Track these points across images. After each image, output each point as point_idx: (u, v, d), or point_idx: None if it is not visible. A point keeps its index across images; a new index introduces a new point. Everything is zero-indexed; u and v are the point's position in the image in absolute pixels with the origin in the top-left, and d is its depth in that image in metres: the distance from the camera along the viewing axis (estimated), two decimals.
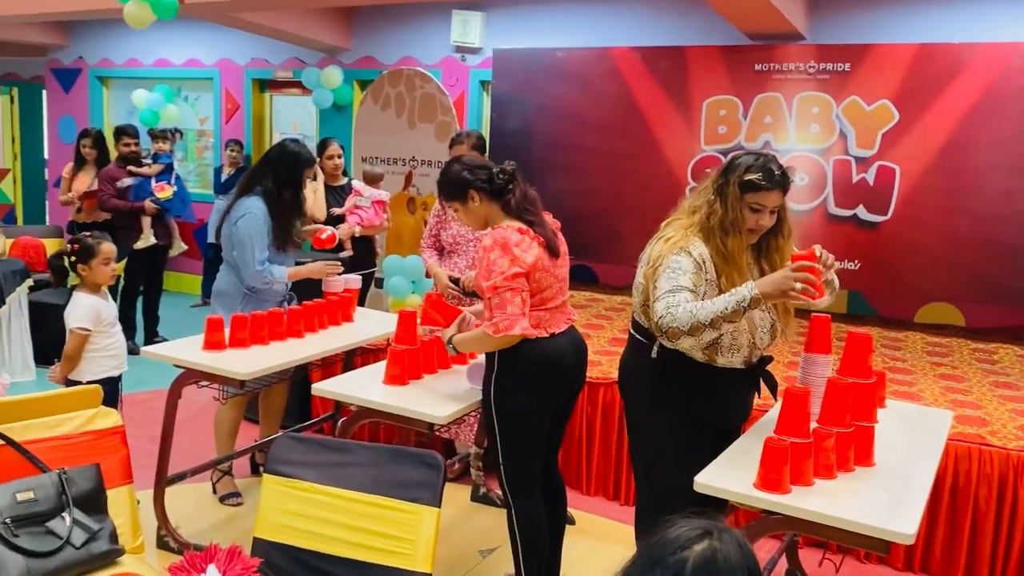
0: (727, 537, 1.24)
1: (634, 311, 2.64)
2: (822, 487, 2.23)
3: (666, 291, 2.34)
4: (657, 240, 2.50)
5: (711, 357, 2.49)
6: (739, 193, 2.40)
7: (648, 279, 2.43)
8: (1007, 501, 3.34)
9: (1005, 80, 5.16)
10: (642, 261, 2.53)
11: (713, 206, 2.43)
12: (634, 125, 6.26)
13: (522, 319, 2.58)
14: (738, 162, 2.45)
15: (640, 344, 2.59)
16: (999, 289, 5.34)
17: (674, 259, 2.38)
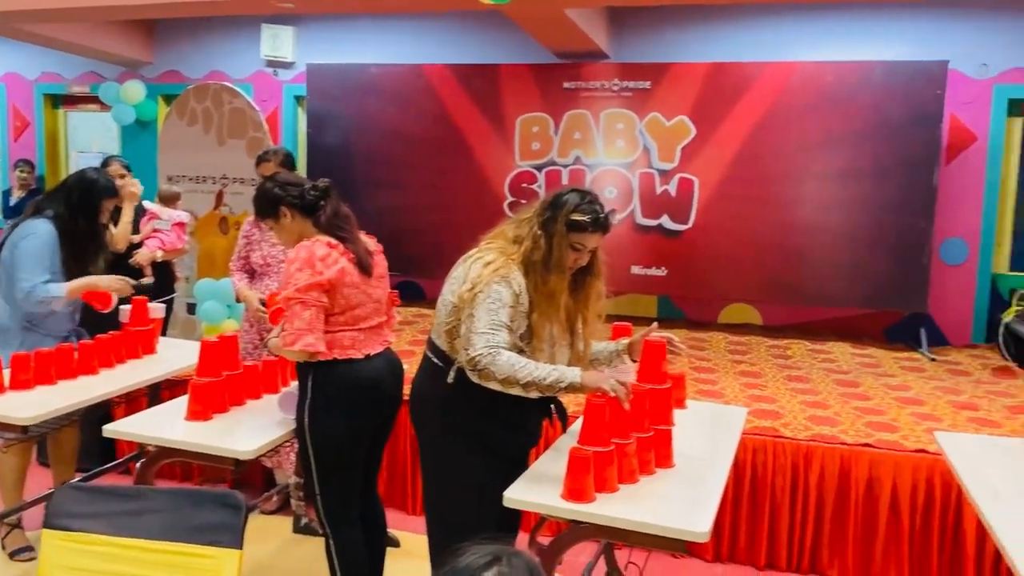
0: (516, 561, 1.25)
1: (433, 332, 2.53)
2: (626, 492, 2.31)
3: (487, 326, 2.29)
4: (475, 261, 2.42)
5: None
6: (565, 231, 2.37)
7: (464, 301, 2.35)
8: (799, 488, 3.61)
9: (787, 96, 5.63)
10: (455, 279, 2.45)
11: (538, 242, 2.38)
12: (452, 141, 6.32)
13: (307, 335, 2.52)
14: (565, 199, 2.40)
15: (437, 368, 2.49)
16: (790, 289, 5.79)
17: (496, 288, 2.32)
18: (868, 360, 5.20)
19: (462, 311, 2.36)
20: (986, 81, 5.63)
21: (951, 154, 5.66)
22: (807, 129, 5.59)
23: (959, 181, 5.68)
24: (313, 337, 2.55)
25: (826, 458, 3.58)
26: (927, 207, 5.40)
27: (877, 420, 3.90)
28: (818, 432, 3.71)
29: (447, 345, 2.45)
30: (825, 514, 3.59)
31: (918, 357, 5.32)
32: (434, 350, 2.52)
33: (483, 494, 2.23)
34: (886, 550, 3.53)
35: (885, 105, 5.43)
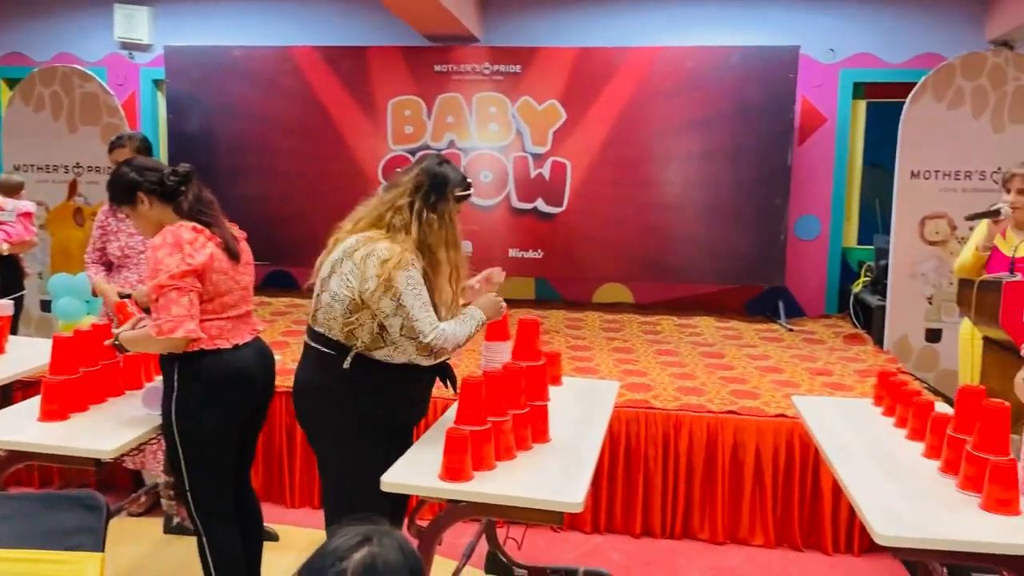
0: (387, 541, 1.25)
1: (319, 326, 2.48)
2: (503, 469, 2.35)
3: (422, 311, 2.37)
4: (367, 257, 2.37)
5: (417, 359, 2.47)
6: (456, 207, 2.48)
7: (376, 301, 2.35)
8: (671, 456, 3.76)
9: (651, 81, 5.79)
10: (346, 274, 2.40)
11: (432, 224, 2.43)
12: (321, 126, 6.18)
13: (188, 321, 2.44)
14: (445, 177, 2.46)
15: (329, 357, 2.46)
16: (659, 268, 5.99)
17: (409, 275, 2.36)
18: (731, 332, 5.46)
19: (376, 310, 2.37)
20: (833, 65, 5.97)
21: (803, 135, 5.99)
22: (670, 112, 5.78)
23: (811, 161, 6.01)
24: (194, 323, 2.46)
25: (694, 426, 3.74)
26: (782, 186, 5.69)
27: (740, 388, 4.10)
28: (686, 402, 3.87)
29: (342, 335, 2.43)
30: (695, 480, 3.75)
31: (777, 328, 5.62)
32: (322, 340, 2.47)
33: (381, 474, 2.23)
34: (752, 511, 3.73)
35: (742, 89, 5.68)
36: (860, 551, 3.67)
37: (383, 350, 2.43)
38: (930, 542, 2.02)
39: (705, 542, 3.74)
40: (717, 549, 3.70)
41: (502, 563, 3.36)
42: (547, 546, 3.67)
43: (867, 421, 2.86)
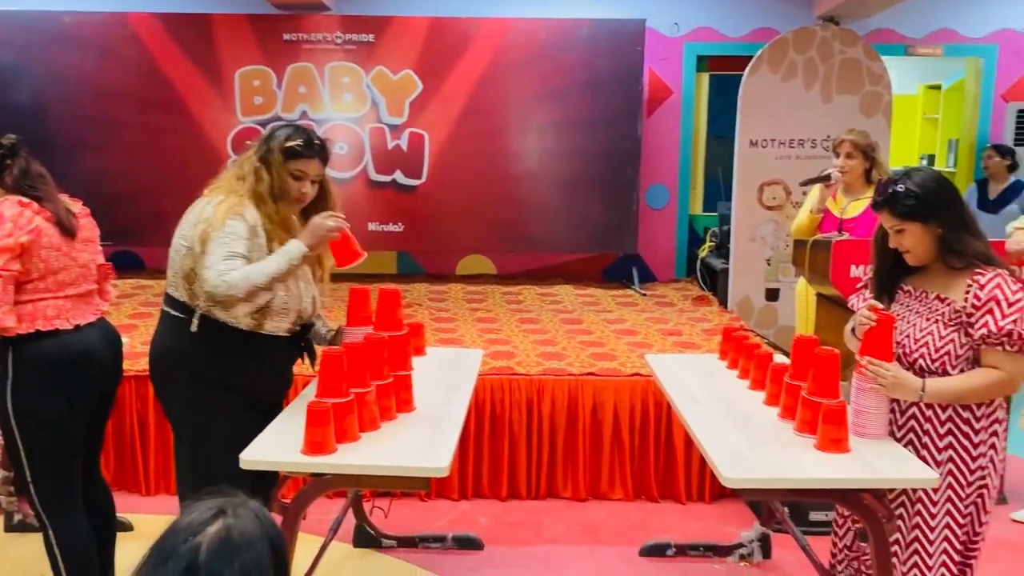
0: (243, 512, 1.22)
1: (169, 286, 2.48)
2: (368, 439, 2.35)
3: (220, 259, 2.32)
4: (206, 204, 2.42)
5: (259, 323, 2.47)
6: (282, 160, 2.45)
7: (199, 242, 2.35)
8: (534, 420, 3.86)
9: (505, 52, 5.84)
10: (186, 223, 2.44)
11: (260, 174, 2.45)
12: (165, 97, 5.88)
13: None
14: (278, 132, 2.51)
15: (177, 320, 2.45)
16: (519, 239, 6.09)
17: (230, 223, 2.36)
18: (590, 299, 5.63)
19: (197, 253, 2.36)
20: (678, 39, 6.21)
21: (651, 107, 6.21)
22: (525, 84, 5.85)
23: (659, 132, 6.24)
24: (2, 311, 2.32)
25: (556, 390, 3.85)
26: (633, 156, 5.89)
27: (599, 351, 4.25)
28: (548, 367, 3.98)
29: (186, 294, 2.42)
30: (558, 441, 3.87)
31: (631, 293, 5.85)
32: (172, 303, 2.47)
33: (241, 447, 2.18)
34: (611, 467, 3.89)
35: (593, 61, 5.81)
36: (711, 498, 3.90)
37: (227, 311, 2.42)
38: (771, 482, 2.19)
39: (568, 500, 3.87)
40: (580, 505, 3.84)
41: (370, 535, 3.36)
42: (416, 516, 3.70)
43: (713, 374, 3.04)
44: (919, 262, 2.27)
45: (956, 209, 2.23)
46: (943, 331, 2.23)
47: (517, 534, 3.58)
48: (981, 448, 2.24)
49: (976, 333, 2.17)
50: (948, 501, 2.26)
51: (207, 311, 2.42)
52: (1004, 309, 2.13)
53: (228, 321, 2.43)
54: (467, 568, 3.28)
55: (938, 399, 2.21)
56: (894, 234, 2.25)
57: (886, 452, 2.26)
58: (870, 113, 5.32)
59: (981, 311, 2.15)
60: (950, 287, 2.23)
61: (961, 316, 2.20)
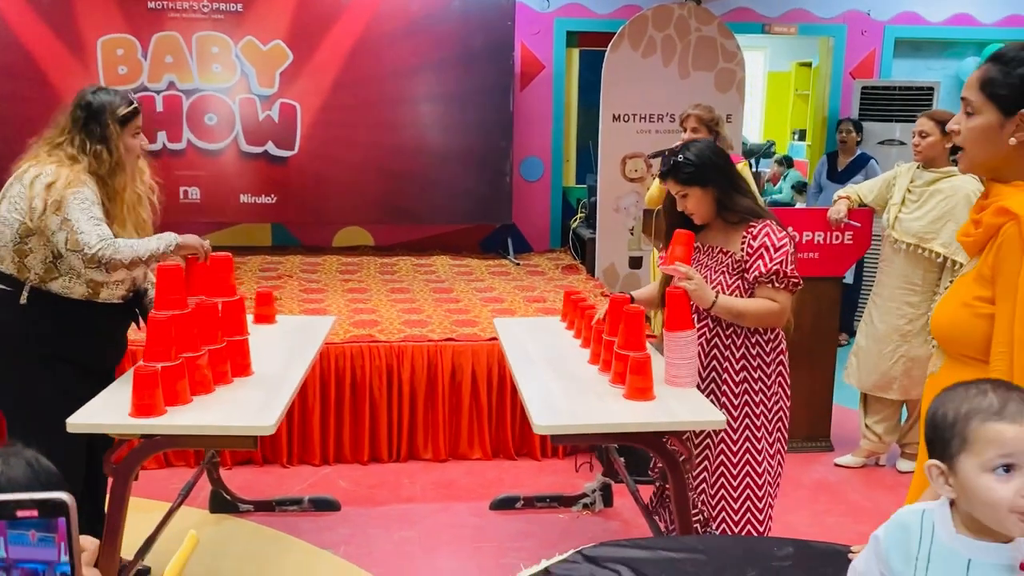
0: (14, 460, 1.29)
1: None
2: (200, 402, 2.41)
3: (90, 223, 2.36)
4: (35, 178, 2.40)
5: (95, 291, 2.51)
6: (121, 130, 2.48)
7: (51, 212, 2.37)
8: (394, 385, 3.97)
9: (377, 24, 5.86)
10: (14, 198, 2.42)
11: (102, 155, 2.46)
12: (22, 66, 5.67)
13: None
14: (100, 103, 2.49)
15: (5, 293, 2.45)
16: (398, 211, 6.16)
17: (79, 192, 2.38)
18: (464, 269, 5.76)
19: (44, 229, 2.39)
20: (548, 15, 6.35)
21: (524, 81, 6.34)
22: (399, 56, 5.89)
23: (531, 105, 6.39)
24: None
25: (416, 355, 3.97)
26: (506, 129, 6.03)
27: (463, 318, 4.39)
28: (410, 334, 4.09)
29: (14, 268, 2.43)
30: (418, 405, 4.00)
31: (506, 263, 6.00)
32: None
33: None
34: (470, 428, 4.05)
35: (465, 35, 5.90)
36: (564, 455, 4.10)
37: (59, 280, 2.46)
38: (577, 427, 2.37)
39: (429, 461, 4.02)
40: (439, 466, 3.99)
41: (226, 500, 3.42)
42: (277, 482, 3.77)
43: (552, 335, 3.22)
44: (703, 221, 2.56)
45: (727, 173, 2.52)
46: (729, 280, 2.53)
47: (375, 495, 3.70)
48: (772, 379, 2.53)
49: (751, 276, 2.47)
50: (747, 430, 2.52)
51: (38, 283, 2.44)
52: (772, 254, 2.44)
53: (61, 292, 2.46)
54: (323, 528, 3.38)
55: (724, 311, 2.48)
56: (680, 199, 2.51)
57: (687, 399, 2.47)
58: (724, 89, 5.60)
59: (754, 256, 2.46)
60: (730, 241, 2.54)
61: (740, 265, 2.50)
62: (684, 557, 1.72)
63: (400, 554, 3.21)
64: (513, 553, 3.19)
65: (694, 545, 1.80)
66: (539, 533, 3.36)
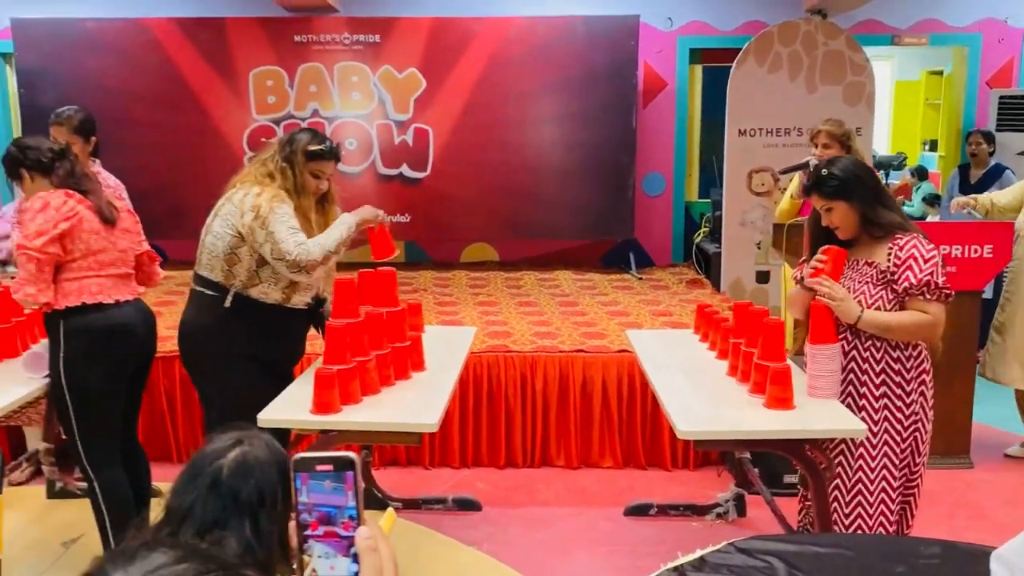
0: (257, 441, 1.54)
1: (202, 269, 2.83)
2: (369, 402, 2.67)
3: (288, 233, 2.69)
4: (245, 196, 2.76)
5: (288, 296, 2.85)
6: (305, 161, 2.82)
7: (252, 230, 2.70)
8: (528, 393, 4.16)
9: (505, 49, 6.12)
10: (226, 214, 2.77)
11: (286, 173, 2.81)
12: (182, 98, 6.20)
13: (28, 285, 2.67)
14: (299, 136, 2.88)
15: (210, 298, 2.81)
16: (522, 227, 6.39)
17: (281, 207, 2.72)
18: (587, 283, 5.92)
19: (251, 239, 2.72)
20: (671, 33, 6.46)
21: (646, 99, 6.47)
22: (524, 79, 6.13)
23: (654, 122, 6.51)
24: (34, 288, 2.67)
25: (548, 365, 4.15)
26: (629, 146, 6.16)
27: (590, 330, 4.54)
28: (541, 345, 4.28)
29: (222, 275, 2.77)
30: (551, 413, 4.17)
31: (628, 278, 6.12)
32: (205, 283, 2.81)
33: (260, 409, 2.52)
34: (601, 437, 4.19)
35: (588, 56, 6.09)
36: (695, 466, 4.19)
37: (258, 287, 2.79)
38: (719, 433, 2.48)
39: (561, 467, 4.18)
40: (572, 473, 4.14)
41: (378, 498, 3.68)
42: (420, 482, 4.02)
43: (685, 347, 3.33)
44: (847, 235, 2.61)
45: (873, 188, 2.57)
46: (872, 290, 2.58)
47: (512, 497, 3.89)
48: (913, 396, 2.55)
49: (900, 287, 2.51)
50: (885, 445, 2.56)
51: (241, 289, 2.78)
52: (921, 265, 2.49)
53: (259, 297, 2.80)
54: (466, 526, 3.59)
55: (871, 326, 2.53)
56: (824, 213, 2.58)
57: (828, 409, 2.54)
58: (853, 102, 5.57)
59: (902, 268, 2.50)
60: (875, 253, 2.59)
61: (886, 276, 2.54)
62: (831, 552, 1.81)
63: (540, 553, 3.38)
64: (648, 556, 3.30)
65: (841, 542, 1.89)
66: (673, 539, 3.46)
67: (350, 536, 0.98)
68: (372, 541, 0.96)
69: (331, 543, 0.99)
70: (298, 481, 1.00)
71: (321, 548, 0.99)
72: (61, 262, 2.73)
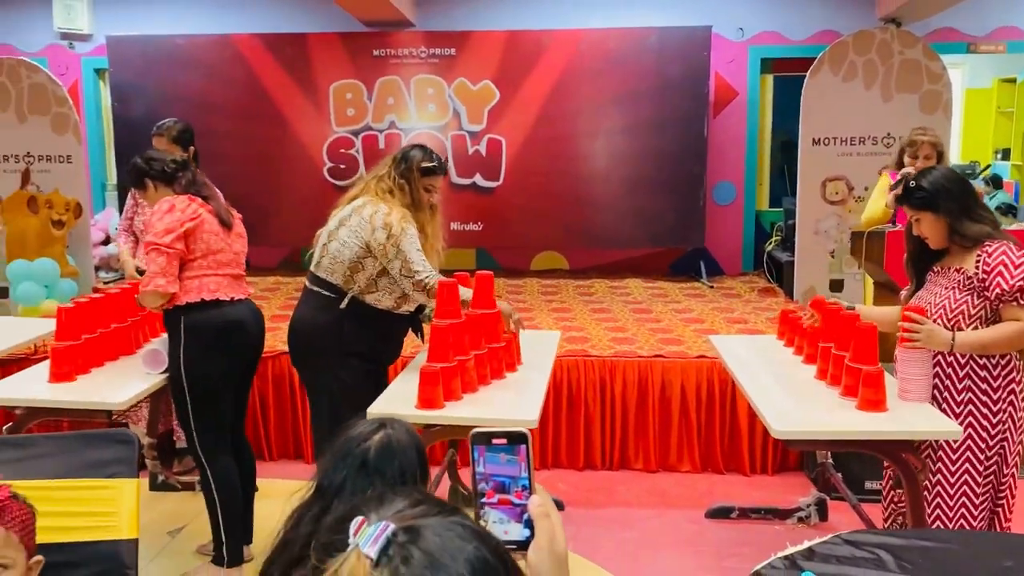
0: (398, 426, 1.66)
1: (321, 271, 3.00)
2: (469, 399, 2.77)
3: (420, 259, 2.90)
4: (375, 213, 2.91)
5: (398, 304, 3.04)
6: (419, 176, 3.01)
7: (383, 246, 2.87)
8: (607, 397, 4.24)
9: (577, 61, 6.24)
10: (354, 226, 2.93)
11: (404, 189, 2.99)
12: (265, 110, 6.45)
13: (159, 277, 2.86)
14: (412, 153, 3.06)
15: (327, 299, 2.99)
16: (591, 236, 6.48)
17: (409, 230, 2.91)
18: (658, 291, 5.98)
19: (381, 255, 2.90)
20: (743, 43, 6.50)
21: (717, 108, 6.51)
22: (596, 90, 6.24)
23: (725, 131, 6.55)
24: (164, 279, 2.86)
25: (627, 370, 4.22)
26: (700, 155, 6.21)
27: (667, 337, 4.60)
28: (619, 350, 4.35)
29: (342, 279, 2.96)
30: (629, 417, 4.24)
31: (699, 286, 6.16)
32: (322, 284, 3.01)
33: (366, 404, 2.67)
34: (680, 441, 4.24)
35: (661, 66, 6.16)
36: (773, 471, 4.21)
37: (374, 295, 2.98)
38: (814, 433, 2.53)
39: (640, 470, 4.24)
40: (651, 476, 4.20)
41: (463, 495, 3.79)
42: None
43: (771, 352, 3.38)
44: (937, 245, 2.65)
45: (962, 200, 2.59)
46: (957, 295, 2.60)
47: (593, 498, 3.97)
48: (1000, 405, 2.55)
49: (992, 294, 2.52)
50: (968, 451, 2.57)
51: (357, 294, 2.97)
52: (1012, 271, 2.50)
53: (372, 303, 2.99)
54: None
55: (967, 348, 2.55)
56: (914, 223, 2.62)
57: (919, 411, 2.57)
58: (930, 110, 5.54)
59: (992, 275, 2.52)
60: (965, 260, 2.61)
61: (973, 282, 2.56)
62: (938, 547, 1.86)
63: (624, 552, 3.45)
64: (733, 557, 3.36)
65: (946, 537, 1.93)
66: (757, 541, 3.50)
67: (523, 504, 1.08)
68: (544, 508, 1.05)
69: (505, 510, 1.09)
70: (475, 453, 1.10)
71: (496, 514, 1.09)
72: (184, 260, 2.94)
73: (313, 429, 3.17)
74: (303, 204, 6.28)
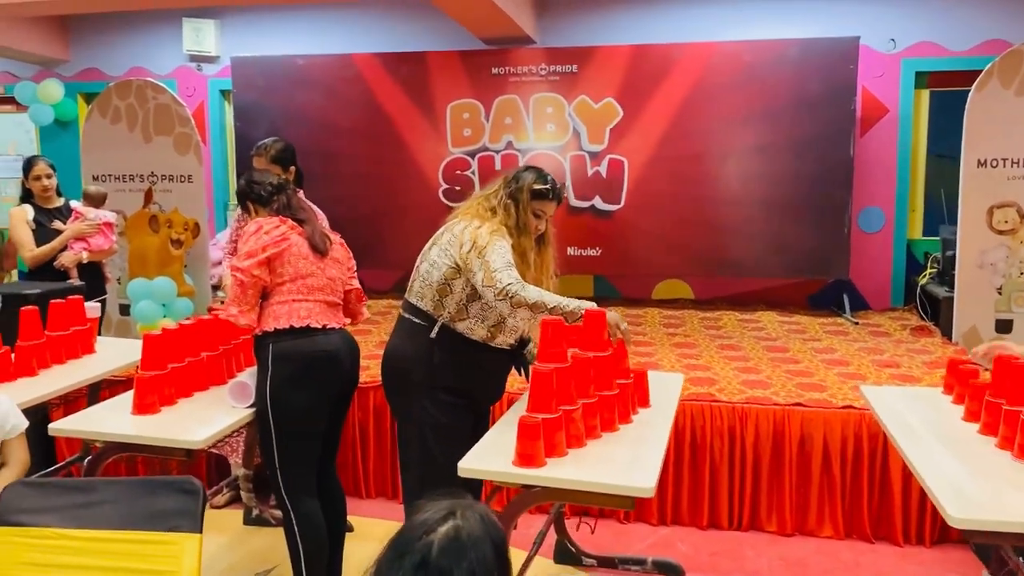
0: (470, 514, 1.32)
1: (412, 297, 2.78)
2: (574, 455, 2.41)
3: (505, 265, 2.60)
4: (466, 228, 2.70)
5: (492, 335, 2.75)
6: (529, 199, 2.77)
7: (469, 259, 2.63)
8: (737, 449, 3.77)
9: (709, 76, 5.80)
10: (445, 244, 2.72)
11: (509, 210, 2.77)
12: (382, 130, 6.33)
13: (232, 306, 2.73)
14: (525, 174, 2.83)
15: (417, 327, 2.75)
16: (719, 263, 5.99)
17: (498, 240, 2.67)
18: (795, 327, 5.42)
19: (465, 269, 2.65)
20: (894, 55, 5.89)
21: (865, 126, 5.92)
22: (729, 107, 5.77)
23: (873, 152, 5.93)
24: (236, 308, 2.72)
25: (760, 419, 3.75)
26: (845, 178, 5.64)
27: (806, 381, 4.09)
28: (752, 395, 3.88)
29: (432, 304, 2.71)
30: (762, 472, 3.75)
31: (842, 322, 5.57)
32: (414, 311, 2.76)
33: (459, 445, 2.44)
34: (820, 502, 3.72)
35: (802, 81, 5.64)
36: (931, 542, 3.63)
37: (465, 322, 2.70)
38: (1006, 524, 2.02)
39: (773, 533, 3.74)
40: (785, 540, 3.70)
41: (571, 552, 3.42)
42: (614, 538, 3.72)
43: (936, 410, 2.84)
44: None
45: None
46: None
47: (718, 564, 3.51)
48: None
49: None
50: None
51: (448, 321, 2.71)
52: None
53: (464, 332, 2.72)
54: None
55: None
56: None
57: None
58: None
59: None
60: None
61: None
62: None
63: None
64: None
65: None
66: None
67: None
68: None
69: None
70: None
71: None
72: (270, 287, 2.77)
73: (401, 467, 2.89)
74: (417, 226, 6.05)
